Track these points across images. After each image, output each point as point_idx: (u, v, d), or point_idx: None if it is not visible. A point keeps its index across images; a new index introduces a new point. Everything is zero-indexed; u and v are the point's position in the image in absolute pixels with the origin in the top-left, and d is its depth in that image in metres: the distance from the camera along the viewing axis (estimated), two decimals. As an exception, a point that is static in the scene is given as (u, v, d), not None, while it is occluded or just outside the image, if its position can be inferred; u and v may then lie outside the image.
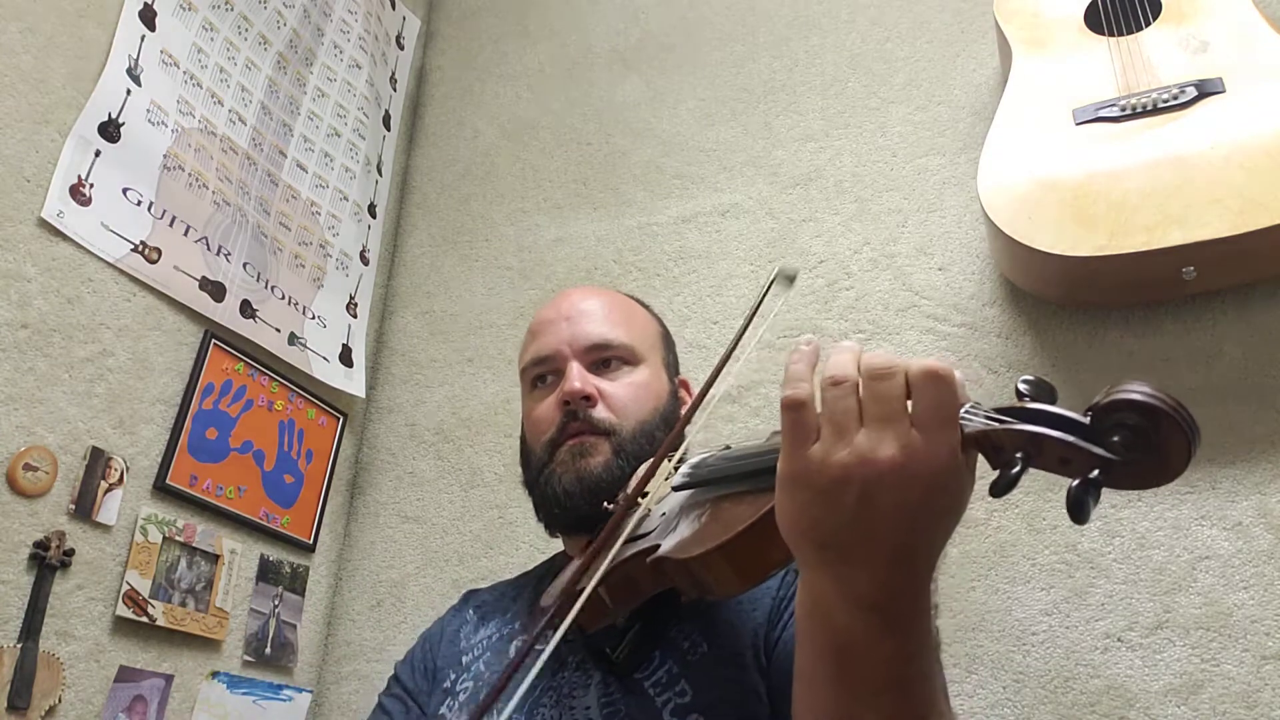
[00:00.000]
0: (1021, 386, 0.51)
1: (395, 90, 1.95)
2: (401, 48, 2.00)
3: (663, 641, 0.83)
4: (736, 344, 0.76)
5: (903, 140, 1.52)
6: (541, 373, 1.00)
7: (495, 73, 1.98)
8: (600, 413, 0.94)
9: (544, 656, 0.59)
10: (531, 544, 1.47)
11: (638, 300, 1.11)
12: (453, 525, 1.55)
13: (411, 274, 1.84)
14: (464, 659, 0.95)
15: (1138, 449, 0.45)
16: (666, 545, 0.69)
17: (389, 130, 1.90)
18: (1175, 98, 1.18)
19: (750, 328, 0.76)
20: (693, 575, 0.66)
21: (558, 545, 1.47)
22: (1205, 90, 1.17)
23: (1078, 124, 1.22)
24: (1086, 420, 0.47)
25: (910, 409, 0.51)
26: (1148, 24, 1.28)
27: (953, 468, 0.51)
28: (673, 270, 1.59)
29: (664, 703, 0.79)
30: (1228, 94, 1.16)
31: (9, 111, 1.18)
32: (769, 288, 0.78)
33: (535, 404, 0.99)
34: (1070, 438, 0.47)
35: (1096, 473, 0.45)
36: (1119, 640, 1.10)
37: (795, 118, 1.62)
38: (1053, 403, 0.50)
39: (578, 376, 0.95)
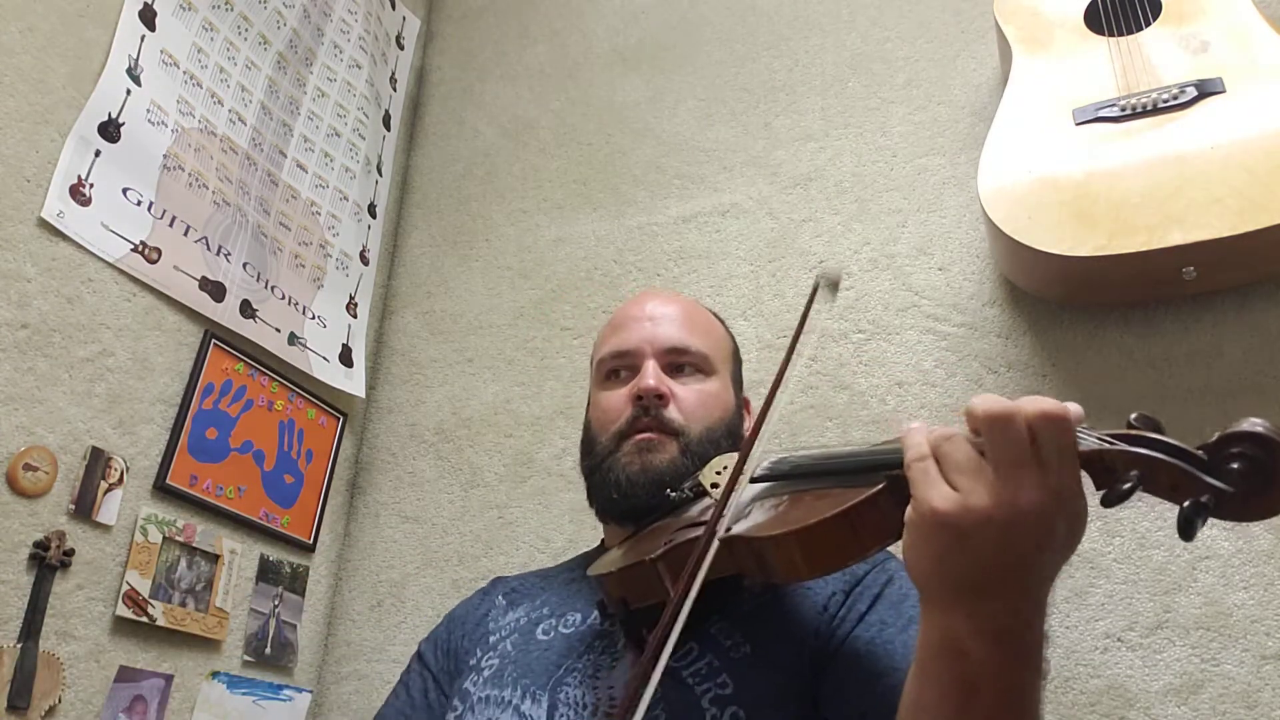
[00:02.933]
0: (1133, 419, 0.55)
1: (395, 90, 1.95)
2: (401, 48, 2.00)
3: (699, 634, 0.84)
4: (789, 358, 0.77)
5: (903, 140, 1.52)
6: (617, 366, 1.03)
7: (495, 73, 1.97)
8: (671, 413, 0.96)
9: (674, 635, 0.61)
10: (531, 544, 1.47)
11: (716, 315, 1.13)
12: (453, 525, 1.55)
13: (411, 274, 1.84)
14: (491, 639, 0.97)
15: (1253, 479, 0.49)
16: (739, 527, 0.71)
17: (389, 130, 1.90)
18: (1175, 98, 1.18)
19: (800, 339, 0.77)
20: (761, 557, 0.69)
21: (558, 546, 1.47)
22: (1205, 90, 1.17)
23: (1078, 124, 1.22)
24: (1202, 454, 0.51)
25: (1033, 450, 0.54)
26: (1148, 24, 1.28)
27: (1083, 499, 0.55)
28: (673, 270, 1.59)
29: (703, 691, 0.80)
30: (1228, 94, 1.16)
31: (9, 111, 1.18)
32: (813, 297, 0.79)
33: (607, 395, 1.01)
34: (1187, 466, 0.51)
35: (1208, 497, 0.49)
36: (1119, 640, 1.11)
37: (795, 118, 1.62)
38: (1160, 434, 0.54)
39: (653, 375, 0.97)
